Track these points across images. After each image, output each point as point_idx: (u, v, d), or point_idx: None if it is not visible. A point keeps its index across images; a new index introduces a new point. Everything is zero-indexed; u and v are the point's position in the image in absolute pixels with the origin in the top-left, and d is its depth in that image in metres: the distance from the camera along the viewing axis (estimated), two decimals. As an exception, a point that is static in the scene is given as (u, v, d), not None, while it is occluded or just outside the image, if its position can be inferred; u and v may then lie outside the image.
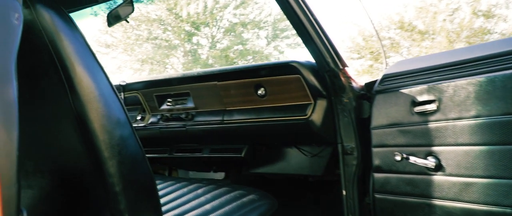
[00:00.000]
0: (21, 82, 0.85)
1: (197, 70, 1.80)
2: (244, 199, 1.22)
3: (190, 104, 1.85)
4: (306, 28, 1.35)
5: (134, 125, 2.02)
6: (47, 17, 0.77)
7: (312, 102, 1.52)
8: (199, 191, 1.29)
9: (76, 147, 0.81)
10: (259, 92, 1.63)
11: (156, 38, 15.58)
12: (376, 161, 1.39)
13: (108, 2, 1.48)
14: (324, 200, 1.94)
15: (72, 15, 1.40)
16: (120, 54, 15.79)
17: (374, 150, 1.39)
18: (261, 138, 1.78)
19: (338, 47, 1.45)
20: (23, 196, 0.97)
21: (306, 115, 1.52)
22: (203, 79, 1.75)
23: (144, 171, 0.88)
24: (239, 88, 1.67)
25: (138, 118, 2.04)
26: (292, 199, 2.04)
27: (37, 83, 0.81)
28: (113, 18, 1.55)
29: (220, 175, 1.99)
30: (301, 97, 1.54)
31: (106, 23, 1.55)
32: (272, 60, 15.30)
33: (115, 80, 1.91)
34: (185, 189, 1.31)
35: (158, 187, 1.36)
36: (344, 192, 1.50)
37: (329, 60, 1.41)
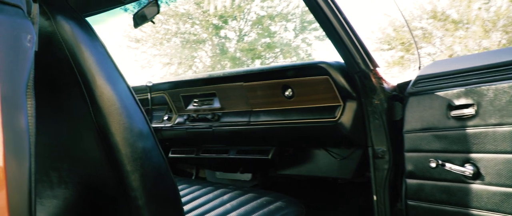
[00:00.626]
0: (43, 94, 0.84)
1: (222, 70, 1.76)
2: (271, 207, 1.19)
3: (216, 105, 1.83)
4: (335, 28, 1.29)
5: (160, 125, 2.03)
6: (68, 29, 0.75)
7: (341, 103, 1.46)
8: (225, 197, 1.27)
9: (98, 160, 0.79)
10: (286, 93, 1.59)
11: (184, 32, 15.70)
12: (409, 167, 1.33)
13: (135, 2, 1.48)
14: (354, 203, 1.89)
15: (102, 14, 1.40)
16: (150, 48, 16.01)
17: (407, 155, 1.33)
18: (288, 140, 1.74)
19: (368, 46, 1.39)
20: (49, 206, 0.97)
21: (335, 117, 1.47)
22: (229, 80, 1.73)
23: (167, 184, 0.85)
24: (266, 89, 1.64)
25: (165, 118, 2.04)
26: (321, 201, 1.99)
27: (59, 96, 0.80)
28: (139, 19, 1.54)
29: (247, 176, 1.97)
30: (330, 98, 1.49)
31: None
32: (300, 53, 15.17)
33: (145, 76, 1.92)
34: (210, 195, 1.29)
35: (184, 192, 1.35)
36: (375, 197, 1.44)
37: (359, 61, 1.35)
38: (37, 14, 0.58)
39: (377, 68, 1.40)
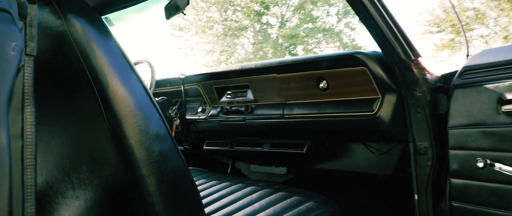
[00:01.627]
0: (57, 96, 0.83)
1: (255, 62, 1.70)
2: (301, 207, 1.13)
3: (250, 97, 1.78)
4: (370, 14, 1.20)
5: (194, 117, 2.01)
6: (79, 28, 0.72)
7: (380, 96, 1.37)
8: (254, 195, 1.22)
9: (114, 164, 0.76)
10: (321, 85, 1.51)
11: (226, 19, 15.73)
12: (454, 165, 1.22)
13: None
14: (394, 200, 1.79)
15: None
16: (192, 36, 16.19)
17: (452, 152, 1.23)
18: (324, 134, 1.66)
19: (410, 33, 1.29)
20: (72, 206, 0.96)
21: (372, 110, 1.38)
22: (262, 72, 1.67)
23: (187, 187, 0.82)
24: (300, 81, 1.57)
25: (199, 110, 2.02)
26: (359, 197, 1.91)
27: (73, 97, 0.77)
28: (173, 9, 1.52)
29: (281, 170, 1.91)
30: (367, 91, 1.40)
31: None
32: (343, 37, 14.80)
33: (189, 64, 1.91)
34: (239, 193, 1.25)
35: (212, 189, 1.31)
36: (416, 196, 1.35)
37: (399, 50, 1.25)
38: (36, 15, 0.54)
39: (419, 58, 1.29)
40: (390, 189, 1.82)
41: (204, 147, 2.10)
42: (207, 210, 1.16)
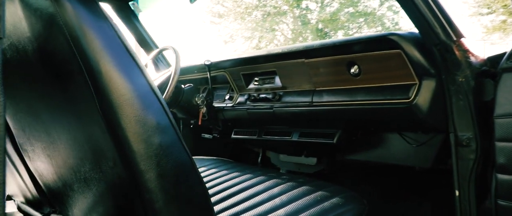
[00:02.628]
0: (55, 85, 0.77)
1: (282, 47, 1.60)
2: (326, 204, 1.04)
3: (278, 84, 1.69)
4: None
5: (222, 105, 1.94)
6: (69, 9, 0.65)
7: (417, 82, 1.24)
8: (275, 190, 1.14)
9: (110, 157, 0.70)
10: (352, 70, 1.39)
11: (264, 5, 15.58)
12: (501, 159, 1.09)
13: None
14: (435, 194, 1.65)
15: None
16: (231, 23, 16.19)
17: (499, 144, 1.09)
18: (355, 123, 1.55)
19: (449, 12, 1.15)
20: (78, 198, 0.92)
21: (409, 98, 1.25)
22: (289, 57, 1.57)
23: (192, 184, 0.74)
24: (329, 66, 1.46)
25: (227, 97, 1.95)
26: (395, 190, 1.79)
27: (66, 86, 0.71)
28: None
29: (311, 161, 1.81)
30: (403, 76, 1.27)
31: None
32: (386, 22, 14.28)
33: (229, 51, 1.85)
34: (260, 187, 1.17)
35: (232, 182, 1.24)
36: (457, 192, 1.22)
37: (439, 30, 1.12)
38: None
39: (461, 39, 1.15)
40: (429, 182, 1.68)
41: (232, 136, 2.04)
42: (222, 205, 1.09)
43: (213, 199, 1.12)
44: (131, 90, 0.67)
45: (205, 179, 1.30)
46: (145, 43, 2.20)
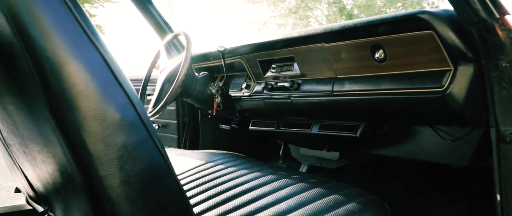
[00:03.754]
0: (1, 74, 0.66)
1: (300, 29, 1.44)
2: (340, 210, 0.89)
3: (296, 71, 1.54)
4: None
5: (239, 94, 1.82)
6: None
7: (452, 68, 1.07)
8: (283, 192, 0.99)
9: (64, 161, 0.59)
10: (377, 55, 1.23)
11: (298, -9, 15.27)
12: (553, 160, 0.90)
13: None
14: (472, 193, 1.47)
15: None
16: (265, 10, 15.99)
17: None
18: (381, 115, 1.38)
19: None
20: (54, 200, 0.82)
21: (442, 86, 1.08)
22: (308, 41, 1.41)
23: (167, 191, 0.62)
24: (351, 51, 1.29)
25: (243, 86, 1.82)
26: (427, 189, 1.61)
27: (13, 75, 0.60)
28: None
29: (334, 155, 1.66)
30: (435, 61, 1.10)
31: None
32: (425, 6, 13.64)
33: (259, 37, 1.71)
34: (267, 188, 1.03)
35: (237, 181, 1.11)
36: (498, 197, 1.04)
37: (478, 6, 0.94)
38: None
39: (506, 16, 0.97)
40: (467, 181, 1.50)
41: (250, 127, 1.91)
42: (220, 209, 0.96)
43: (210, 202, 1.00)
44: (87, 79, 0.55)
45: (207, 177, 1.18)
46: (160, 27, 2.10)
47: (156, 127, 2.37)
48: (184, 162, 1.38)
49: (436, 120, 1.32)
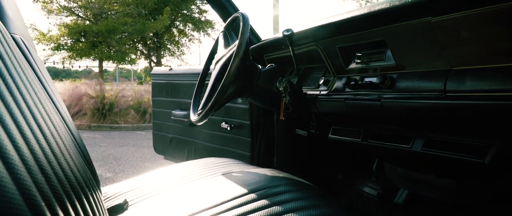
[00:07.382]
0: None
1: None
2: None
3: (389, 61, 1.07)
4: None
5: (315, 92, 1.39)
6: None
7: None
8: None
9: None
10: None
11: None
12: None
13: None
14: None
15: None
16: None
17: None
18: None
19: None
20: None
21: None
22: (406, 15, 0.93)
23: None
24: (477, 26, 0.79)
25: (321, 82, 1.38)
26: None
27: None
28: None
29: (446, 183, 1.14)
30: None
31: None
32: None
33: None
34: None
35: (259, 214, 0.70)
36: None
37: None
38: None
39: None
40: None
41: (329, 136, 1.47)
42: None
43: None
44: None
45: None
46: (222, 7, 1.75)
47: (228, 128, 2.03)
48: (226, 187, 1.01)
49: None
